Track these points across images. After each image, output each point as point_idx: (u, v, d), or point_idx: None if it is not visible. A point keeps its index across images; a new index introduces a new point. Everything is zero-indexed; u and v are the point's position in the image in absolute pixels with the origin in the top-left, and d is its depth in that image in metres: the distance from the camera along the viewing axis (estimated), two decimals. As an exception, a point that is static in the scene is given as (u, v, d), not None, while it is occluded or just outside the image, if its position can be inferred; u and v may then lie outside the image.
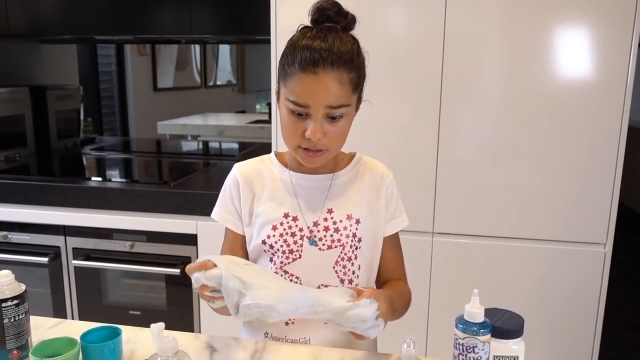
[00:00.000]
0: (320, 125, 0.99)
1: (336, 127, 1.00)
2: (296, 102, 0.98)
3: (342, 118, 1.00)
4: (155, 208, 2.02)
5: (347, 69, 0.97)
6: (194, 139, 3.78)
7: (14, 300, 0.97)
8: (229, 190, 1.15)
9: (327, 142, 1.01)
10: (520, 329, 0.92)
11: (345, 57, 0.97)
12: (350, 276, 1.12)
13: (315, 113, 0.98)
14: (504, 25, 1.72)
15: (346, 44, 0.99)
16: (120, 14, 2.36)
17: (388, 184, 1.15)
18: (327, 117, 0.99)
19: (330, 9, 1.00)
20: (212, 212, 1.17)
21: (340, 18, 1.01)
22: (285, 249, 1.09)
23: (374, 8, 1.73)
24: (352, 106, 1.02)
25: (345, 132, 1.04)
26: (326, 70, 0.96)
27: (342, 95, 0.98)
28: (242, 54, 5.79)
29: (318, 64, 0.95)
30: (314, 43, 0.97)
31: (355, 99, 1.03)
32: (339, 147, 1.07)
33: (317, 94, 0.96)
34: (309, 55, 0.96)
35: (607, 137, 1.71)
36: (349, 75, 0.98)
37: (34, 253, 2.13)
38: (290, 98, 0.99)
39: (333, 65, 0.96)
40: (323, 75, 0.96)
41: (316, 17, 1.01)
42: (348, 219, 1.11)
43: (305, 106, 0.97)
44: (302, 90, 0.97)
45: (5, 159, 2.56)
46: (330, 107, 0.97)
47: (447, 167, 1.81)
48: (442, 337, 1.87)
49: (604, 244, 1.77)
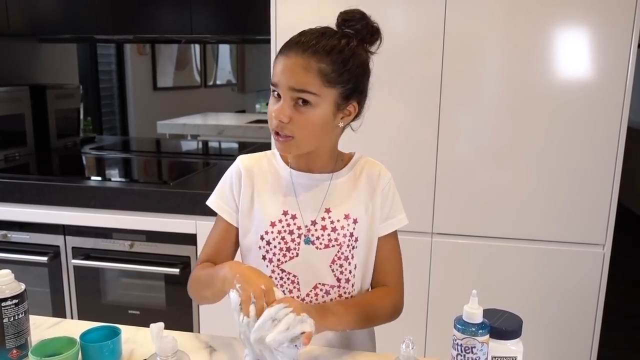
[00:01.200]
0: (287, 107, 1.00)
1: (302, 114, 1.00)
2: (272, 82, 1.02)
3: (308, 106, 1.00)
4: (155, 208, 2.02)
5: (317, 58, 0.99)
6: (194, 138, 3.78)
7: (14, 300, 0.97)
8: (230, 180, 1.15)
9: (293, 129, 1.01)
10: (519, 330, 0.92)
11: (320, 48, 0.99)
12: (347, 275, 1.12)
13: (283, 94, 1.01)
14: (503, 26, 1.72)
15: (334, 41, 1.01)
16: (120, 13, 2.36)
17: (384, 183, 1.14)
18: (294, 101, 1.00)
19: (356, 20, 1.04)
20: (209, 199, 1.17)
21: (361, 27, 1.04)
22: (282, 246, 1.09)
23: (374, 8, 1.73)
24: (322, 98, 1.00)
25: (312, 123, 1.01)
26: (296, 53, 0.99)
27: (306, 81, 0.99)
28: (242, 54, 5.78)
29: (292, 47, 1.00)
30: (304, 32, 1.03)
31: (332, 95, 1.01)
32: (307, 138, 1.04)
33: (283, 74, 1.00)
34: (288, 42, 1.02)
35: (606, 137, 1.71)
36: (318, 64, 0.99)
37: (34, 252, 2.13)
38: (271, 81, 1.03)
39: (305, 51, 0.99)
40: (292, 58, 0.99)
41: (339, 21, 1.05)
42: (345, 218, 1.11)
43: (275, 85, 1.01)
44: (275, 70, 1.02)
45: (4, 158, 2.56)
46: (293, 89, 0.99)
47: (447, 167, 1.81)
48: (440, 337, 1.87)
49: (603, 245, 1.78)
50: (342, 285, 1.12)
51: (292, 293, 1.11)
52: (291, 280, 1.10)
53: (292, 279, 1.10)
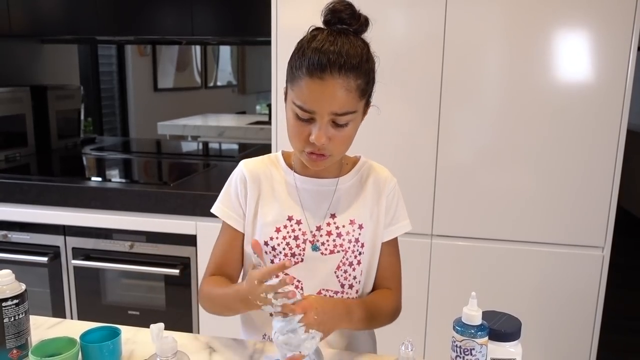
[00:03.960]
0: (325, 130, 0.97)
1: (341, 132, 0.98)
2: (302, 107, 0.96)
3: (347, 124, 0.98)
4: (155, 208, 2.02)
5: (354, 75, 0.95)
6: (194, 139, 3.79)
7: (14, 300, 0.98)
8: (235, 186, 1.13)
9: (332, 147, 0.99)
10: (518, 332, 0.93)
11: (353, 62, 0.95)
12: (350, 281, 1.12)
13: (320, 119, 0.96)
14: (503, 29, 1.73)
15: (356, 49, 0.96)
16: (121, 15, 2.36)
17: (390, 189, 1.14)
18: (333, 122, 0.97)
19: (343, 11, 0.98)
20: (213, 207, 1.15)
21: (353, 20, 0.98)
22: (287, 251, 1.09)
23: (374, 11, 1.73)
24: (358, 112, 1.00)
25: (350, 137, 1.02)
26: (333, 76, 0.93)
27: (348, 102, 0.96)
28: (242, 55, 5.80)
29: (325, 69, 0.93)
30: (323, 47, 0.95)
31: (363, 105, 1.01)
32: (343, 152, 1.06)
33: (323, 100, 0.94)
34: (316, 60, 0.94)
35: (606, 140, 1.71)
36: (356, 82, 0.95)
37: (34, 253, 2.14)
38: (296, 102, 0.97)
39: (340, 70, 0.93)
40: (330, 81, 0.93)
41: (328, 18, 0.99)
42: (351, 224, 1.10)
43: (311, 112, 0.96)
44: (308, 96, 0.95)
45: (5, 159, 2.56)
46: (335, 114, 0.96)
47: (447, 170, 1.82)
48: (440, 339, 1.87)
49: (602, 247, 1.78)
50: (345, 291, 1.12)
51: None
52: (295, 285, 1.10)
53: (296, 284, 1.10)
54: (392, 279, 1.18)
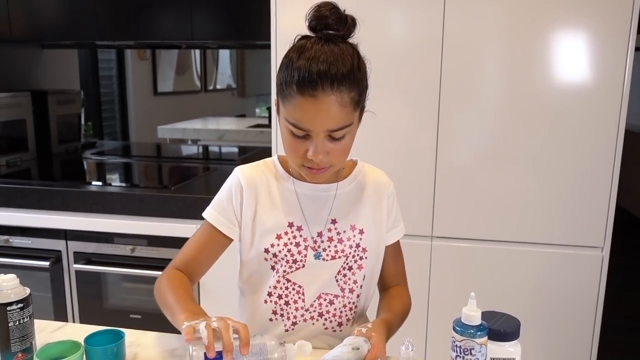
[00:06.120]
0: (322, 146, 0.95)
1: (339, 145, 0.97)
2: (296, 125, 0.94)
3: (344, 137, 0.96)
4: (156, 212, 2.03)
5: (347, 88, 0.92)
6: (194, 143, 3.79)
7: (19, 304, 0.98)
8: (230, 194, 1.11)
9: (331, 160, 0.98)
10: (517, 332, 0.93)
11: (345, 74, 0.91)
12: (351, 285, 1.12)
13: (316, 136, 0.94)
14: (502, 30, 1.74)
15: (346, 58, 0.93)
16: (121, 19, 2.37)
17: (389, 193, 1.16)
18: (329, 137, 0.95)
19: (329, 16, 0.94)
20: (205, 211, 1.13)
21: (340, 25, 0.94)
22: (289, 258, 1.09)
23: (372, 12, 1.75)
24: (354, 123, 0.98)
25: (348, 148, 1.00)
26: (325, 92, 0.90)
27: (343, 117, 0.93)
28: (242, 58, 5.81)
29: (317, 85, 0.90)
30: (311, 63, 0.90)
31: (357, 114, 0.99)
32: (343, 162, 1.05)
33: (318, 118, 0.92)
34: (307, 77, 0.90)
35: (604, 140, 1.72)
36: (349, 95, 0.93)
37: (35, 257, 2.14)
38: (290, 120, 0.95)
39: (333, 85, 0.90)
40: (323, 99, 0.90)
41: (314, 25, 0.95)
42: (352, 229, 1.11)
43: (306, 130, 0.94)
44: (301, 115, 0.92)
45: (6, 164, 2.57)
46: (331, 130, 0.94)
47: (446, 171, 1.82)
48: (440, 339, 1.88)
49: (602, 248, 1.79)
50: (346, 295, 1.12)
51: (296, 303, 1.11)
52: (296, 290, 1.10)
53: (297, 289, 1.10)
54: (401, 275, 1.22)
